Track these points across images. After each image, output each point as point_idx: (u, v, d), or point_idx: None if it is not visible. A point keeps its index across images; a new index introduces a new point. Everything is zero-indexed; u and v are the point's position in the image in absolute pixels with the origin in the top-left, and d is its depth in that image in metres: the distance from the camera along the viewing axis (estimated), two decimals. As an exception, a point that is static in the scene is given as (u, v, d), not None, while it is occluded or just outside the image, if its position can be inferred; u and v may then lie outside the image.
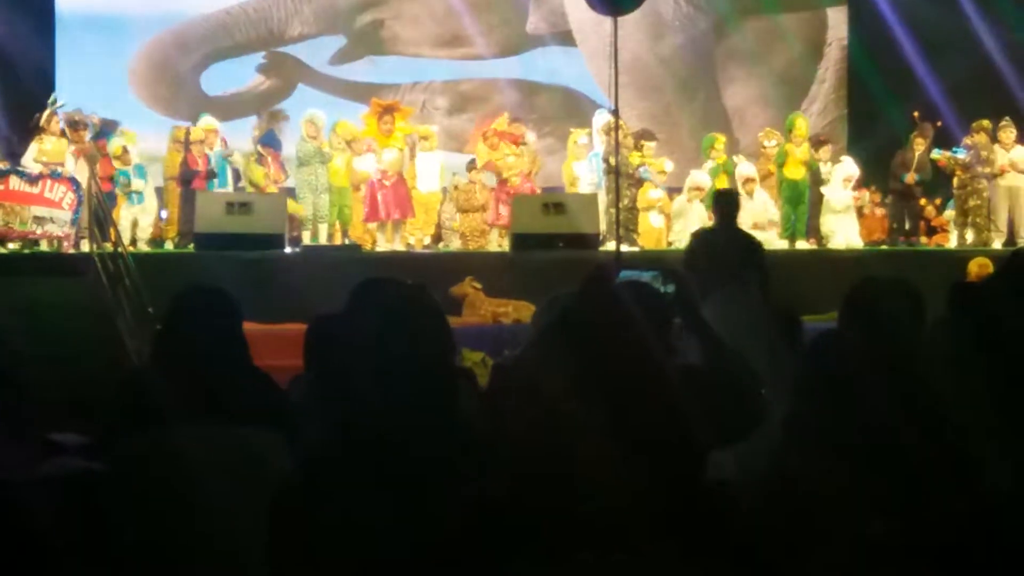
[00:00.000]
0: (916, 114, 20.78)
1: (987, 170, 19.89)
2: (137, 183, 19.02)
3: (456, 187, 20.17)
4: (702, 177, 19.89)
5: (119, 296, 15.30)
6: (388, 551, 3.19)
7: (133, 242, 18.55)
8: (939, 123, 20.78)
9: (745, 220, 19.99)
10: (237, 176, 19.91)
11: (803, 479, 3.35)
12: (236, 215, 17.61)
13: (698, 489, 2.95)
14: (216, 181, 19.22)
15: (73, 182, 17.74)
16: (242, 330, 4.83)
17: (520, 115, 21.34)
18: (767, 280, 10.56)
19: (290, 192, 19.63)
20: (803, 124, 20.60)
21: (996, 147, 19.84)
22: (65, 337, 13.50)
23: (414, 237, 19.46)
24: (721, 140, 20.69)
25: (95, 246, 16.32)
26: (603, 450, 2.77)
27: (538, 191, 19.97)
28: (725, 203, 13.54)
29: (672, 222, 19.80)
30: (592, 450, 2.77)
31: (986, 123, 20.00)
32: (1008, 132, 19.87)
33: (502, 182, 19.40)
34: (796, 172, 19.99)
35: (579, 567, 2.74)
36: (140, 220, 19.10)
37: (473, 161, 20.24)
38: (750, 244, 12.25)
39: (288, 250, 18.04)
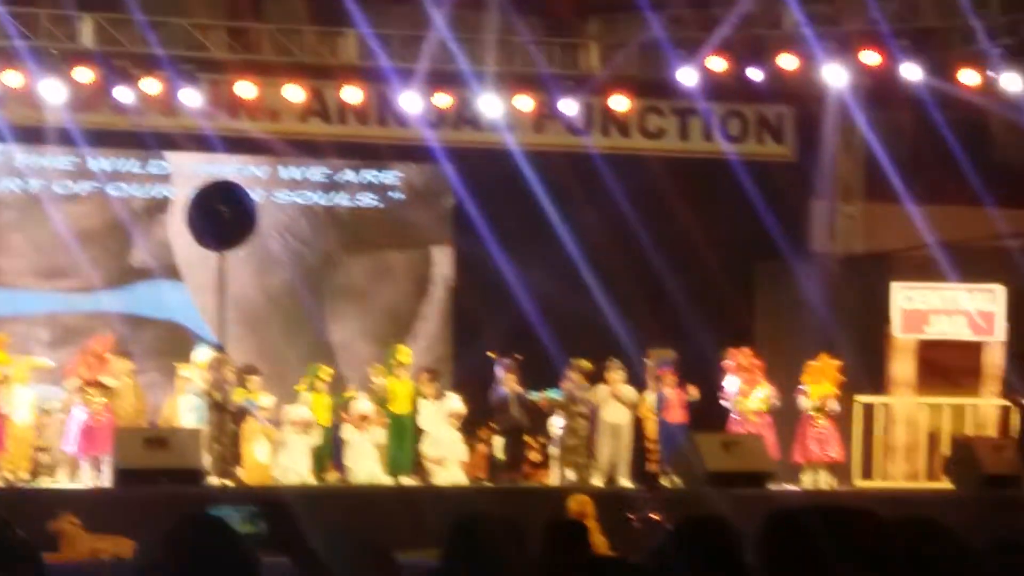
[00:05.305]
0: (491, 354, 21.17)
1: (583, 409, 20.39)
2: None
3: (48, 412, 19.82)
4: (301, 411, 19.87)
5: None
6: None
7: None
8: (518, 356, 21.04)
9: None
10: None
11: None
12: None
13: None
14: None
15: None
16: None
17: (126, 349, 20.94)
18: None
19: None
20: (405, 355, 20.75)
21: (601, 385, 20.33)
22: None
23: (9, 471, 18.89)
24: (327, 371, 20.67)
25: None
26: None
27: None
28: None
29: (276, 457, 19.67)
30: None
31: (584, 363, 20.52)
32: (617, 372, 20.44)
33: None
34: (402, 407, 20.14)
35: None
36: None
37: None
38: None
39: None
